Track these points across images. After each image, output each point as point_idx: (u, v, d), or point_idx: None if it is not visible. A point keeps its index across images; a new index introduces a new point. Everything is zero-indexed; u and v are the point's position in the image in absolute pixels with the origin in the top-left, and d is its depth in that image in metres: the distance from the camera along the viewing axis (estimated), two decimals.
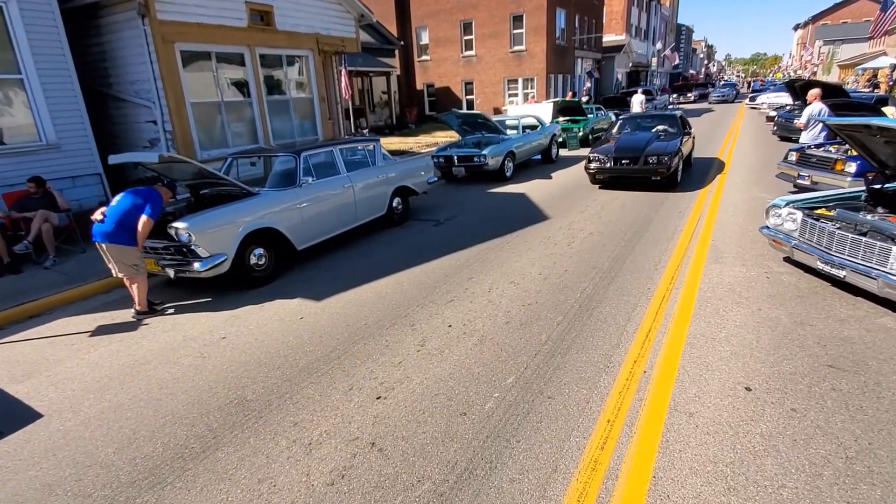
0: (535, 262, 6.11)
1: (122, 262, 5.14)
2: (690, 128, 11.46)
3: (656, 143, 9.68)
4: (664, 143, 9.66)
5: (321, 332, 4.64)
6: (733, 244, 6.36)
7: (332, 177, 6.91)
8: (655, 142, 9.75)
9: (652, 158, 9.31)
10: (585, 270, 5.74)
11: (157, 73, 8.67)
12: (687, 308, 4.65)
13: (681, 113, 11.43)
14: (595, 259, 6.11)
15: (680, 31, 66.25)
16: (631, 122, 11.65)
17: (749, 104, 30.82)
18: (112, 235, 5.06)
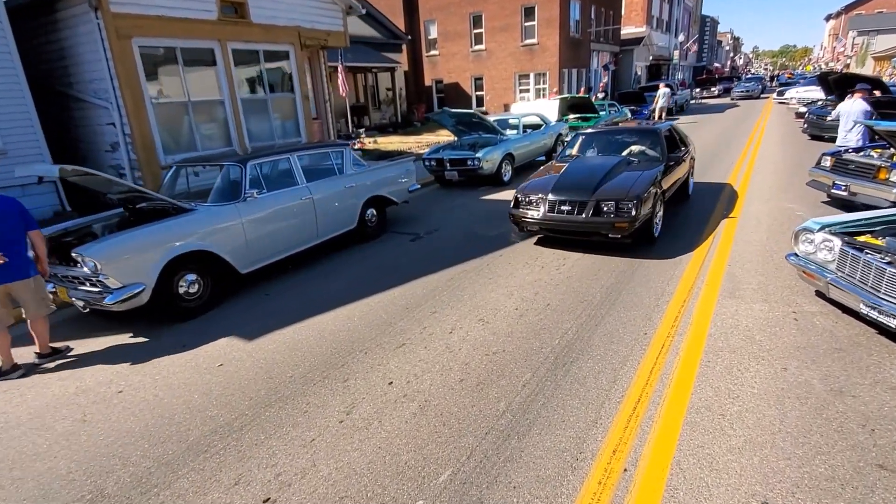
0: (514, 293, 5.15)
1: (34, 299, 4.31)
2: (686, 147, 8.09)
3: (620, 178, 6.26)
4: (631, 178, 6.20)
5: (235, 389, 3.78)
6: (754, 270, 5.32)
7: (286, 188, 6.05)
8: (620, 174, 6.40)
9: (607, 204, 5.79)
10: (571, 305, 4.77)
11: (112, 72, 7.91)
12: (691, 365, 3.67)
13: (670, 127, 7.97)
14: (585, 289, 5.13)
15: (704, 22, 63.85)
16: (596, 138, 8.09)
17: (777, 99, 29.13)
18: (14, 270, 4.20)
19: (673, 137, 7.85)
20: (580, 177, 6.46)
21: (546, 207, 6.13)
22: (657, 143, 7.26)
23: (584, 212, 5.90)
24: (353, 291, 5.48)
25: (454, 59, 27.54)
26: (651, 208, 5.95)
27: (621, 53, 34.01)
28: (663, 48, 41.63)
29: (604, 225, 5.76)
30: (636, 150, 7.38)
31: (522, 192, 6.50)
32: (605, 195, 5.90)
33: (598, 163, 6.96)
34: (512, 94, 26.27)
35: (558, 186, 6.26)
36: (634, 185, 5.95)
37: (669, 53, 42.39)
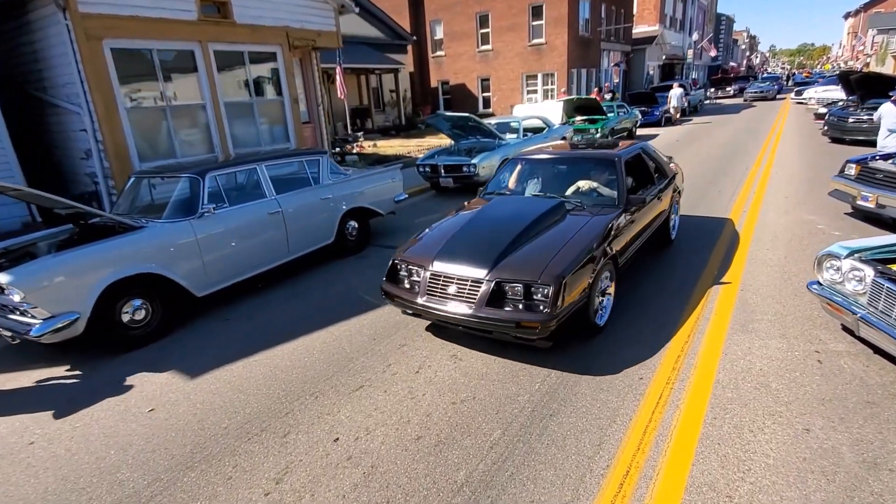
0: None
1: None
2: (664, 177, 5.90)
3: (541, 240, 4.15)
4: (558, 239, 4.10)
5: (158, 443, 3.25)
6: (770, 297, 4.68)
7: (252, 202, 5.54)
8: (546, 230, 4.30)
9: (511, 287, 3.72)
10: (559, 341, 4.18)
11: (82, 75, 7.48)
12: (693, 423, 3.06)
13: (638, 151, 5.67)
14: None
15: (720, 20, 62.56)
16: (538, 167, 5.73)
17: (794, 98, 28.13)
18: None
19: (642, 167, 5.63)
20: (484, 234, 4.25)
21: (425, 287, 3.96)
22: (614, 179, 4.97)
23: (477, 298, 3.68)
24: (320, 317, 4.95)
25: (460, 60, 26.98)
26: (586, 291, 3.82)
27: (633, 53, 33.21)
28: (677, 47, 40.68)
29: (503, 324, 3.56)
30: (585, 186, 5.09)
31: (403, 257, 4.28)
32: (510, 271, 3.73)
33: (520, 209, 4.66)
34: (519, 94, 25.65)
35: (447, 251, 4.08)
36: (558, 256, 3.78)
37: (683, 53, 41.42)
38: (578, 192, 5.12)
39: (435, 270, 3.98)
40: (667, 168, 6.14)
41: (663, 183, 5.77)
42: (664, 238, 6.11)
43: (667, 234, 6.12)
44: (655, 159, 5.97)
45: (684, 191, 8.72)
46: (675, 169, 6.52)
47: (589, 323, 4.05)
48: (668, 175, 6.05)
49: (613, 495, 2.56)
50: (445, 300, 3.86)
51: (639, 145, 5.82)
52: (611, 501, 2.53)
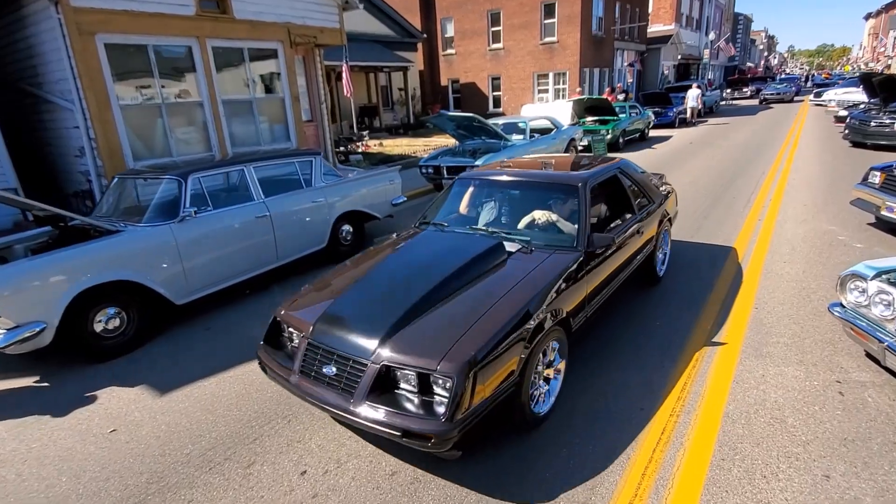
0: None
1: None
2: (650, 202, 4.85)
3: (460, 299, 3.07)
4: (480, 302, 2.98)
5: (113, 470, 3.00)
6: (787, 316, 4.33)
7: (238, 205, 5.29)
8: (470, 285, 3.20)
9: (403, 373, 2.67)
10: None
11: (75, 71, 7.29)
12: (699, 466, 2.74)
13: (615, 172, 4.56)
14: None
15: (737, 20, 61.45)
16: (487, 189, 4.58)
17: (813, 100, 27.42)
18: None
19: (618, 192, 4.59)
20: (387, 289, 3.25)
21: (300, 361, 2.96)
22: (575, 211, 3.86)
23: (357, 388, 2.67)
24: None
25: (471, 58, 26.64)
26: (514, 376, 2.73)
27: (647, 52, 32.61)
28: (693, 47, 39.95)
29: (385, 429, 2.55)
30: (542, 219, 3.96)
31: (286, 314, 3.30)
32: (403, 349, 2.66)
33: (446, 250, 3.63)
34: (530, 94, 25.25)
35: (333, 312, 3.06)
36: (475, 328, 2.71)
37: (699, 52, 40.66)
38: (534, 225, 3.96)
39: (314, 340, 2.94)
40: (652, 191, 4.98)
41: (646, 211, 4.67)
42: (648, 276, 5.00)
43: (652, 271, 4.98)
44: (637, 181, 4.80)
45: (695, 196, 8.39)
46: (667, 190, 5.47)
47: (522, 413, 2.90)
48: (655, 200, 4.92)
49: None
50: (321, 383, 2.81)
51: (615, 165, 4.63)
52: None
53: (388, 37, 22.40)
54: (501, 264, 3.44)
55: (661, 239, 5.10)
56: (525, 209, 4.14)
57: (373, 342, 2.74)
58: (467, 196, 4.55)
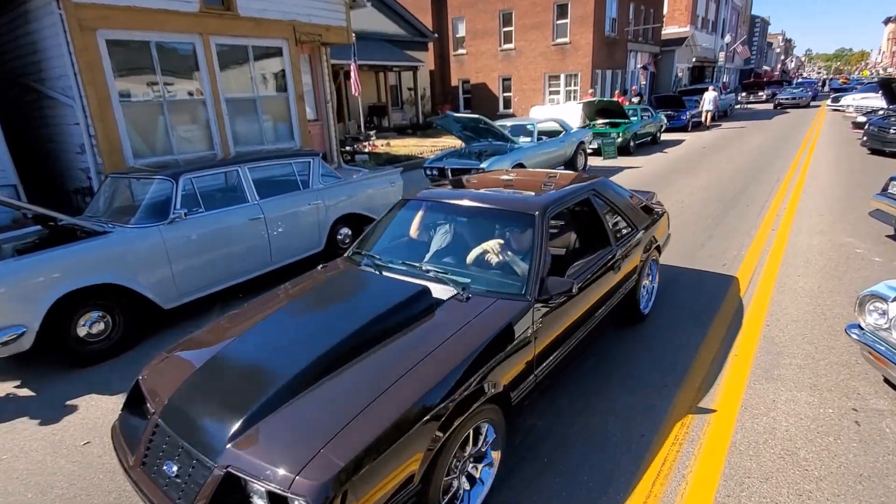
0: None
1: None
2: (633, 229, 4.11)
3: (350, 374, 2.29)
4: (384, 375, 2.25)
5: (82, 487, 2.86)
6: (800, 335, 4.10)
7: (231, 207, 5.15)
8: (374, 350, 2.44)
9: (249, 486, 1.93)
10: None
11: (75, 67, 7.21)
12: (702, 502, 2.54)
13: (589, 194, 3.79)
14: None
15: (754, 22, 60.59)
16: (436, 214, 3.86)
17: (830, 105, 26.87)
18: None
19: (590, 220, 3.89)
20: (263, 357, 2.48)
21: (143, 448, 2.27)
22: (529, 248, 3.10)
23: (196, 497, 1.96)
24: None
25: (482, 59, 26.42)
26: (415, 488, 2.07)
27: (661, 54, 32.20)
28: (708, 49, 39.41)
29: None
30: (492, 254, 3.22)
31: (150, 376, 2.64)
32: (253, 451, 1.96)
33: (357, 298, 2.97)
34: (541, 95, 24.99)
35: (190, 387, 2.36)
36: (358, 421, 2.01)
37: (714, 55, 40.11)
38: (482, 262, 3.22)
39: (162, 421, 2.25)
40: (635, 216, 4.21)
41: (627, 240, 3.91)
42: (629, 313, 4.27)
43: (633, 307, 4.23)
44: (616, 205, 4.02)
45: (706, 203, 8.12)
46: (656, 212, 4.69)
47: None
48: (638, 226, 4.16)
49: None
50: (156, 482, 2.12)
51: (588, 185, 3.85)
52: None
53: (398, 36, 22.27)
54: (422, 319, 2.65)
55: (647, 270, 4.37)
56: (476, 241, 3.37)
57: (222, 436, 2.01)
58: (414, 221, 3.84)
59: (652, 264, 4.52)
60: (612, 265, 3.63)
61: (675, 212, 7.92)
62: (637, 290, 4.17)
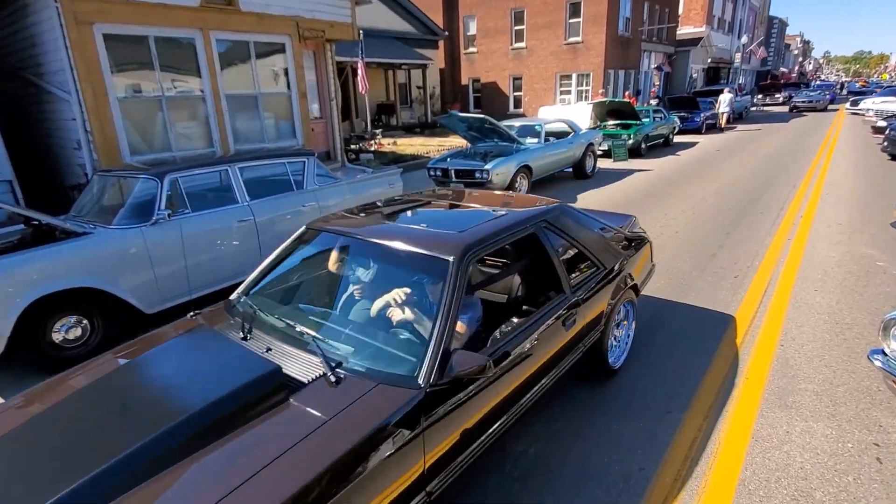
0: None
1: None
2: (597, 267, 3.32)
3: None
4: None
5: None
6: (817, 357, 3.81)
7: (219, 208, 4.95)
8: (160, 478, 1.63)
9: None
10: None
11: (72, 62, 7.07)
12: None
13: (530, 231, 2.93)
14: None
15: (772, 23, 59.60)
16: (327, 246, 3.07)
17: (850, 109, 26.26)
18: None
19: (538, 260, 3.08)
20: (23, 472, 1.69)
21: None
22: (432, 311, 2.33)
23: None
24: None
25: (493, 57, 26.13)
26: None
27: (676, 55, 31.68)
28: (724, 50, 38.77)
29: None
30: (391, 313, 2.47)
31: None
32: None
33: (183, 376, 2.15)
34: (552, 95, 24.65)
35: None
36: None
37: (730, 56, 39.45)
38: (382, 318, 2.49)
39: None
40: (603, 251, 3.38)
41: (591, 286, 3.14)
42: (595, 367, 3.48)
43: (600, 360, 3.43)
44: (576, 240, 3.22)
45: (719, 209, 7.79)
46: (635, 243, 3.90)
47: None
48: (608, 263, 3.36)
49: None
50: None
51: (535, 212, 3.05)
52: None
53: (408, 34, 22.05)
54: (266, 415, 1.90)
55: (619, 317, 3.57)
56: (378, 289, 2.62)
57: None
58: (313, 257, 3.11)
59: (627, 308, 3.76)
60: (564, 319, 2.84)
61: (685, 219, 7.63)
62: (604, 342, 3.35)
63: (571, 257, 3.42)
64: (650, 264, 4.19)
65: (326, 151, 11.40)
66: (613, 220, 4.08)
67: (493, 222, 2.84)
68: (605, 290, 3.31)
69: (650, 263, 4.19)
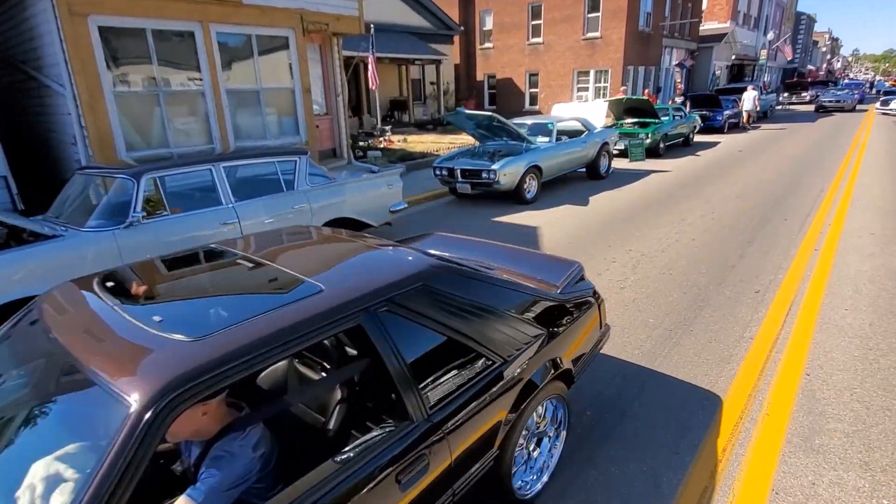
0: None
1: None
2: (497, 353, 2.22)
3: None
4: None
5: None
6: (848, 391, 3.39)
7: (201, 210, 4.68)
8: None
9: None
10: None
11: (66, 55, 6.87)
12: None
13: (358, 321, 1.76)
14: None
15: (799, 20, 57.85)
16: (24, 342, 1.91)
17: (879, 109, 25.22)
18: None
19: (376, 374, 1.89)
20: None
21: None
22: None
23: None
24: None
25: (509, 53, 25.64)
26: None
27: (698, 51, 30.79)
28: (748, 46, 37.67)
29: None
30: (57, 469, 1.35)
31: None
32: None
33: None
34: (569, 92, 24.10)
35: None
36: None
37: (755, 53, 38.31)
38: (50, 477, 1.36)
39: None
40: (499, 334, 2.26)
41: (474, 395, 2.09)
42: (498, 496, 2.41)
43: (503, 491, 2.38)
44: (443, 324, 2.06)
45: (740, 215, 7.31)
46: (575, 306, 2.79)
47: None
48: (504, 356, 2.27)
49: None
50: None
51: (369, 290, 1.87)
52: None
53: (423, 28, 21.68)
54: None
55: (530, 429, 2.50)
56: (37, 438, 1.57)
57: None
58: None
59: (553, 407, 2.67)
60: (402, 471, 1.76)
61: (703, 225, 7.18)
62: (502, 467, 2.28)
63: (440, 349, 2.08)
64: (598, 333, 3.03)
65: (332, 149, 11.12)
66: (545, 271, 3.00)
67: (276, 316, 1.66)
68: (504, 397, 2.21)
69: (598, 332, 3.03)
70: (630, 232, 7.01)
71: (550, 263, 3.23)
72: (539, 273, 2.96)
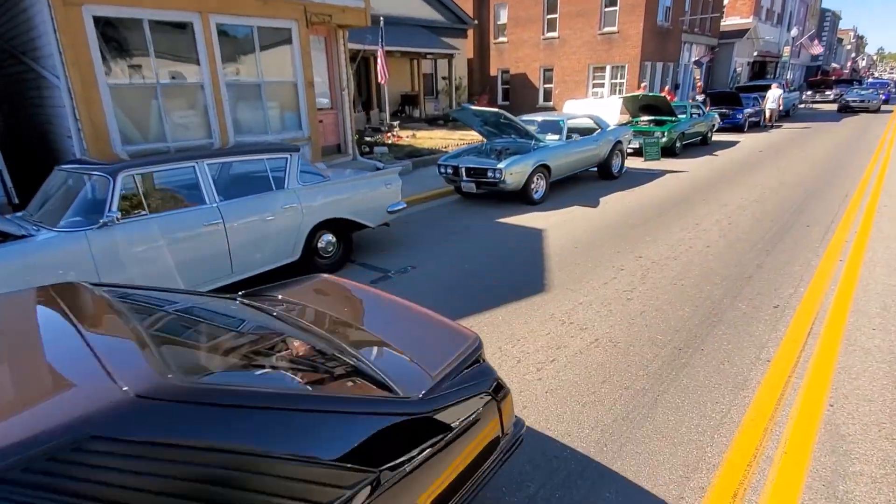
0: None
1: None
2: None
3: None
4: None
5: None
6: (876, 426, 3.04)
7: (181, 209, 4.45)
8: None
9: None
10: None
11: (60, 45, 6.69)
12: None
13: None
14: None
15: (824, 16, 56.26)
16: None
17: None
18: None
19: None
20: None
21: None
22: None
23: None
24: None
25: (523, 48, 25.17)
26: None
27: (718, 47, 29.98)
28: (771, 43, 36.65)
29: None
30: None
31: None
32: None
33: None
34: (584, 88, 23.58)
35: None
36: None
37: (778, 49, 37.27)
38: None
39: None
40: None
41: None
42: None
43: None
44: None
45: (759, 221, 6.88)
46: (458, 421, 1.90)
47: None
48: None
49: None
50: None
51: None
52: None
53: (435, 22, 21.32)
54: None
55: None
56: None
57: None
58: None
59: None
60: None
61: (719, 231, 6.80)
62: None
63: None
64: (496, 445, 2.11)
65: (337, 144, 10.88)
66: (425, 348, 2.22)
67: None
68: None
69: (497, 443, 2.12)
70: (640, 237, 6.66)
71: (436, 338, 2.35)
72: (417, 350, 2.17)
